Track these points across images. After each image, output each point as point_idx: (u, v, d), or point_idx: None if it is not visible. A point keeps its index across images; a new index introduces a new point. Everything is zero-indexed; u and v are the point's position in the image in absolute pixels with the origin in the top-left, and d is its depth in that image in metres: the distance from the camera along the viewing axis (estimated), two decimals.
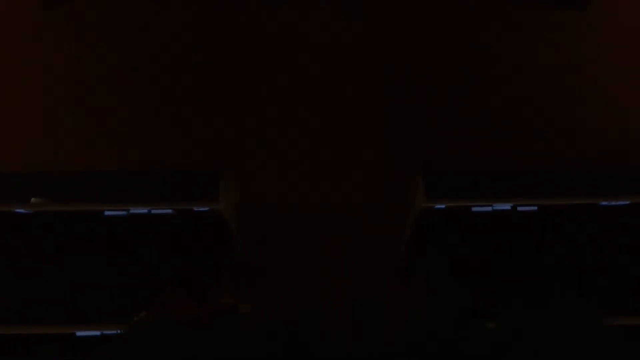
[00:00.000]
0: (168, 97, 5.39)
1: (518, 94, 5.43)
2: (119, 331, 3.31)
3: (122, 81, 5.48)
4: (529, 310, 3.22)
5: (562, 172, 4.53)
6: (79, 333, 3.98)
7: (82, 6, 5.89)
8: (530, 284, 4.19)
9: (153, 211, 4.12)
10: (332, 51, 5.64)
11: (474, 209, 4.08)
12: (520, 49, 5.70)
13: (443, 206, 4.09)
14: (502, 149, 5.11)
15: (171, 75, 5.50)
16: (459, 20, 5.86)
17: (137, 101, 5.36)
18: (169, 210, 4.13)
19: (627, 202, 4.01)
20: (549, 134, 5.20)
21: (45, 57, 5.59)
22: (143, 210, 4.10)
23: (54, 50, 5.64)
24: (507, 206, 4.04)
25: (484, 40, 5.75)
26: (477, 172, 4.56)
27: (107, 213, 4.10)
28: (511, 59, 5.63)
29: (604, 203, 4.02)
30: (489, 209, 4.06)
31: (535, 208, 4.06)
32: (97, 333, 3.96)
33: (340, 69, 5.54)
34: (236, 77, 5.53)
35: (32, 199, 4.20)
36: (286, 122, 5.29)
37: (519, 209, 4.06)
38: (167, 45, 5.66)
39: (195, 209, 4.13)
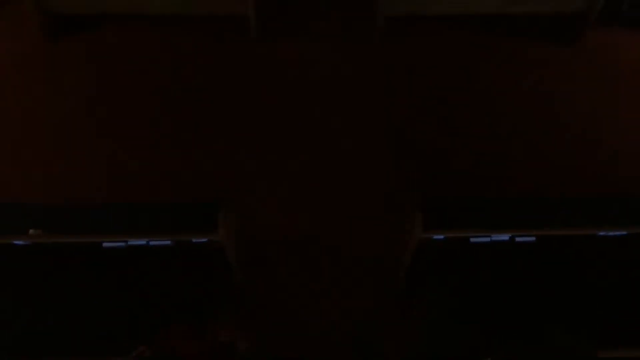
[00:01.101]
0: (168, 129, 5.44)
1: (514, 123, 5.53)
2: None
3: (122, 112, 5.54)
4: (525, 345, 3.22)
5: (559, 202, 4.57)
6: None
7: (82, 40, 5.97)
8: (528, 315, 4.19)
9: (151, 242, 4.10)
10: (332, 85, 5.74)
11: (473, 239, 4.08)
12: (516, 79, 5.83)
13: (441, 237, 4.09)
14: (500, 176, 5.18)
15: (171, 108, 5.56)
16: (454, 54, 6.00)
17: (137, 132, 5.41)
18: (168, 242, 4.11)
19: (625, 233, 4.02)
20: (546, 161, 5.28)
21: (47, 90, 5.65)
22: (141, 242, 4.08)
23: (55, 83, 5.70)
24: (505, 237, 4.05)
25: (481, 70, 5.88)
26: (475, 200, 4.59)
27: (105, 244, 4.08)
28: (507, 89, 5.76)
29: (602, 233, 4.03)
30: (488, 239, 4.07)
31: (533, 239, 4.08)
32: None
33: (341, 102, 5.64)
34: (236, 109, 5.60)
35: (30, 231, 4.18)
36: (286, 150, 5.34)
37: (517, 239, 4.07)
38: (167, 78, 5.74)
39: (194, 240, 4.12)
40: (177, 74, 5.77)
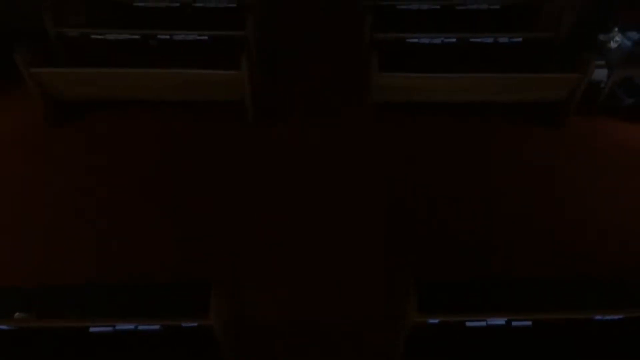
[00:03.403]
0: (165, 210, 5.47)
1: (508, 203, 5.62)
2: None
3: (119, 194, 5.58)
4: None
5: (553, 284, 4.55)
6: None
7: (84, 124, 6.15)
8: None
9: (140, 327, 4.00)
10: (326, 168, 5.87)
11: (469, 323, 4.02)
12: (506, 161, 6.02)
13: (436, 321, 4.02)
14: (495, 256, 5.19)
15: (168, 191, 5.63)
16: (446, 137, 6.20)
17: (132, 214, 5.43)
18: (157, 326, 4.01)
19: (622, 317, 3.98)
20: (540, 244, 5.31)
21: (47, 172, 5.73)
22: (130, 327, 3.98)
23: (55, 166, 5.79)
24: (501, 321, 3.99)
25: (472, 152, 6.07)
26: (470, 285, 4.56)
27: (92, 329, 3.97)
28: (499, 171, 5.92)
29: (599, 317, 3.98)
30: (483, 323, 4.01)
31: (529, 323, 4.02)
32: None
33: (335, 185, 5.73)
34: (232, 192, 5.66)
35: (16, 314, 4.08)
36: (281, 231, 5.35)
37: (514, 323, 4.01)
38: (164, 162, 5.85)
39: (184, 324, 4.02)
40: (175, 158, 5.89)
